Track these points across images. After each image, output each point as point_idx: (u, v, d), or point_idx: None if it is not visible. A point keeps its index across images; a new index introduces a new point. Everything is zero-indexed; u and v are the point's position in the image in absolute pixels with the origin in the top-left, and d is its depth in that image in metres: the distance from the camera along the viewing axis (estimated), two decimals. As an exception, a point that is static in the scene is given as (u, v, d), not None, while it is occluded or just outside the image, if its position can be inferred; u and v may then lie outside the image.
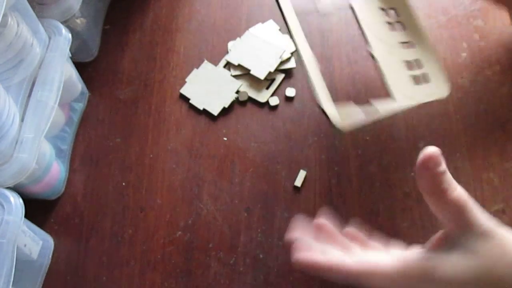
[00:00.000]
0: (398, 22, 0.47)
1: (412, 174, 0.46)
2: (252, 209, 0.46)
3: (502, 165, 0.45)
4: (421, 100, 0.42)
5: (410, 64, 0.45)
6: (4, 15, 0.36)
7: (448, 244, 0.32)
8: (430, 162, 0.31)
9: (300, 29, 0.42)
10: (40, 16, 0.43)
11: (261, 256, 0.43)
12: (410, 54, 0.45)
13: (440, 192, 0.32)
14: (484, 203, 0.43)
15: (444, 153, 0.46)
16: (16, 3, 0.39)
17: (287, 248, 0.43)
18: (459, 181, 0.44)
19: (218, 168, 0.48)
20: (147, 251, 0.45)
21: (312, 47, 0.54)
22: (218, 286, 0.43)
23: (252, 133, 0.49)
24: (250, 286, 0.42)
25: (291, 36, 0.42)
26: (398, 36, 0.46)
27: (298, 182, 0.46)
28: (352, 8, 0.46)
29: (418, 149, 0.47)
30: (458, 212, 0.31)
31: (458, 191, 0.31)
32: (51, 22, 0.45)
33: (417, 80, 0.44)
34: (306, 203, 0.45)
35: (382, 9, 0.47)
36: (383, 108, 0.40)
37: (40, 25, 0.43)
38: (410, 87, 0.43)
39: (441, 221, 0.33)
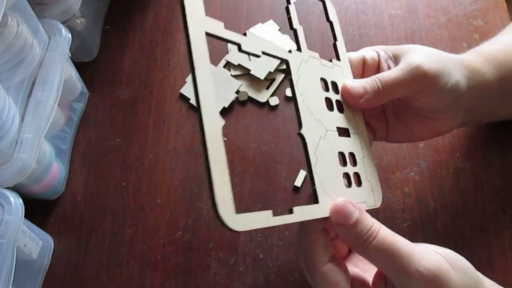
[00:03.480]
0: (338, 100, 0.36)
1: (412, 174, 0.46)
2: (252, 209, 0.46)
3: (502, 165, 0.45)
4: None
5: (341, 159, 0.34)
6: (4, 15, 0.36)
7: None
8: (339, 217, 0.30)
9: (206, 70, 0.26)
10: (40, 16, 0.43)
11: (261, 256, 0.43)
12: (344, 144, 0.35)
13: (361, 244, 0.29)
14: (484, 203, 0.43)
15: (444, 153, 0.46)
16: (16, 3, 0.39)
17: (287, 248, 0.44)
18: (459, 181, 0.45)
19: (218, 168, 0.48)
20: (147, 251, 0.45)
21: (312, 47, 0.54)
22: (218, 286, 0.43)
23: (252, 133, 0.49)
24: (250, 286, 0.42)
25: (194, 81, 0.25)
26: (335, 119, 0.35)
27: (298, 182, 0.46)
28: (287, 64, 0.34)
29: (418, 149, 0.47)
30: (387, 261, 0.28)
31: (378, 238, 0.29)
32: (51, 22, 0.45)
33: (347, 182, 0.34)
34: (306, 203, 0.45)
35: (323, 80, 0.36)
36: (289, 218, 0.29)
37: (40, 25, 0.43)
38: (339, 187, 0.32)
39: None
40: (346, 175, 0.34)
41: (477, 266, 0.30)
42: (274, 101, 0.50)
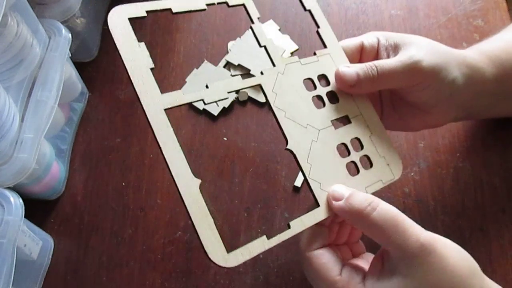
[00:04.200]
0: (330, 91, 0.36)
1: (412, 174, 0.46)
2: (252, 209, 0.46)
3: (502, 165, 0.45)
4: None
5: (343, 149, 0.34)
6: (4, 15, 0.36)
7: (389, 269, 0.30)
8: (334, 197, 0.31)
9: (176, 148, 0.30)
10: (40, 16, 0.43)
11: (261, 256, 0.43)
12: (344, 134, 0.35)
13: (361, 216, 0.30)
14: (484, 203, 0.43)
15: (444, 153, 0.46)
16: (16, 3, 0.39)
17: (287, 248, 0.44)
18: (459, 181, 0.45)
19: (218, 168, 0.48)
20: (147, 251, 0.45)
21: (312, 47, 0.54)
22: (218, 286, 0.43)
23: (252, 133, 0.49)
24: (250, 286, 0.42)
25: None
26: (328, 112, 0.35)
27: (298, 182, 0.46)
28: (261, 87, 0.33)
29: (418, 149, 0.47)
30: (389, 230, 0.29)
31: (379, 210, 0.30)
32: (51, 22, 0.44)
33: (353, 170, 0.34)
34: (306, 203, 0.45)
35: (309, 79, 0.36)
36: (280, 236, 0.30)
37: (40, 25, 0.43)
38: (342, 181, 0.33)
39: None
40: (353, 164, 0.34)
41: (477, 266, 0.30)
42: (274, 101, 0.50)
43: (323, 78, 0.36)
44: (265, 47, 0.35)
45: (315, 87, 0.36)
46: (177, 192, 0.28)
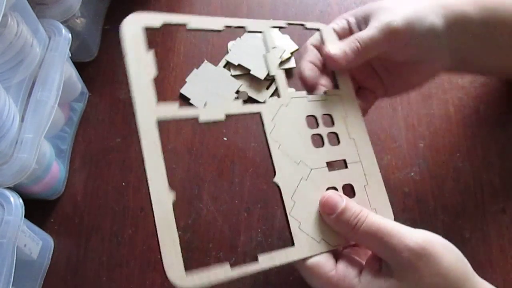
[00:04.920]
0: (332, 132, 0.35)
1: (412, 174, 0.46)
2: (252, 209, 0.46)
3: (502, 165, 0.45)
4: (340, 244, 0.32)
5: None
6: (4, 15, 0.36)
7: (385, 270, 0.30)
8: (326, 208, 0.32)
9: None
10: (40, 16, 0.43)
11: (261, 256, 0.43)
12: (338, 178, 0.34)
13: (351, 230, 0.31)
14: (484, 203, 0.43)
15: (444, 153, 0.46)
16: (16, 3, 0.39)
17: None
18: (459, 181, 0.45)
19: (218, 168, 0.48)
20: (147, 251, 0.45)
21: (312, 47, 0.54)
22: (218, 286, 0.43)
23: (252, 133, 0.49)
24: (250, 286, 0.42)
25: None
26: (326, 153, 0.34)
27: (298, 182, 0.46)
28: (260, 116, 0.33)
29: (418, 149, 0.47)
30: (377, 242, 0.30)
31: (366, 222, 0.30)
32: (51, 22, 0.45)
33: None
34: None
35: (312, 116, 0.35)
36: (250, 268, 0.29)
37: (40, 25, 0.43)
38: (324, 224, 0.32)
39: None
40: None
41: (477, 266, 0.30)
42: (274, 101, 0.50)
43: (327, 117, 0.35)
44: (274, 76, 0.35)
45: (317, 125, 0.35)
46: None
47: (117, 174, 0.49)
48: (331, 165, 0.34)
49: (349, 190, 0.34)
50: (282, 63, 0.51)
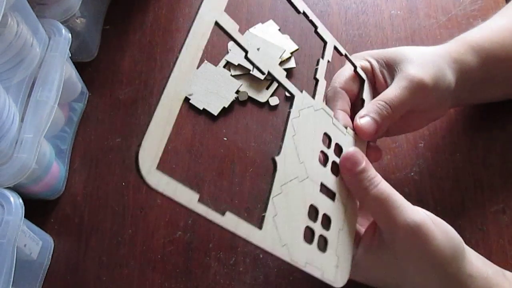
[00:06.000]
0: (335, 163, 0.34)
1: (412, 174, 0.46)
2: (252, 209, 0.46)
3: (502, 165, 0.45)
4: (297, 262, 0.30)
5: (314, 214, 0.32)
6: (4, 15, 0.36)
7: (379, 242, 0.33)
8: (348, 163, 0.33)
9: None
10: (40, 16, 0.43)
11: (261, 256, 0.43)
12: (322, 203, 0.33)
13: (362, 190, 0.33)
14: (484, 203, 0.43)
15: (444, 153, 0.46)
16: (16, 3, 0.39)
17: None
18: (459, 181, 0.45)
19: (218, 168, 0.48)
20: (147, 251, 0.45)
21: (311, 47, 0.54)
22: (218, 286, 0.43)
23: (252, 133, 0.49)
24: (250, 286, 0.42)
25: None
26: (324, 175, 0.33)
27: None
28: (292, 98, 0.32)
29: (418, 149, 0.47)
30: (381, 209, 0.32)
31: (378, 188, 0.32)
32: (51, 22, 0.45)
33: (308, 236, 0.31)
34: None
35: (327, 135, 0.35)
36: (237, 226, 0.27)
37: (40, 25, 0.43)
38: (294, 234, 0.30)
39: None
40: (311, 232, 0.32)
41: (477, 266, 0.30)
42: (274, 101, 0.50)
43: (338, 148, 0.35)
44: (317, 80, 0.35)
45: (328, 147, 0.35)
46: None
47: (117, 174, 0.49)
48: (322, 189, 0.33)
49: (326, 222, 0.33)
50: (282, 63, 0.51)
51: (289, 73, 0.52)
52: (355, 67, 0.38)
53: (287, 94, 0.32)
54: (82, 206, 0.47)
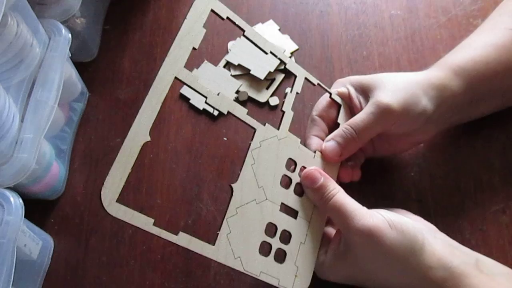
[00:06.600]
0: (298, 183, 0.37)
1: (412, 174, 0.46)
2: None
3: (502, 165, 0.45)
4: (251, 272, 0.34)
5: (273, 231, 0.35)
6: (4, 15, 0.36)
7: (343, 247, 0.36)
8: (307, 180, 0.37)
9: None
10: (40, 16, 0.43)
11: (261, 256, 0.43)
12: (283, 221, 0.36)
13: (323, 203, 0.36)
14: (484, 203, 0.43)
15: (444, 153, 0.46)
16: (16, 3, 0.39)
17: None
18: (459, 181, 0.45)
19: (218, 168, 0.48)
20: (147, 251, 0.45)
21: (311, 47, 0.54)
22: (218, 286, 0.43)
23: (252, 133, 0.49)
24: (250, 286, 0.42)
25: None
26: (285, 196, 0.36)
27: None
28: (254, 131, 0.36)
29: (418, 149, 0.47)
30: (338, 217, 0.35)
31: (333, 199, 0.35)
32: (51, 22, 0.44)
33: (265, 251, 0.34)
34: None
35: (292, 160, 0.38)
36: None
37: (40, 25, 0.43)
38: (249, 249, 0.34)
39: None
40: (269, 246, 0.35)
41: (477, 266, 0.30)
42: (274, 101, 0.50)
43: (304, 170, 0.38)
44: (283, 112, 0.38)
45: (293, 171, 0.38)
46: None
47: (117, 174, 0.48)
48: (284, 209, 0.36)
49: (285, 237, 0.36)
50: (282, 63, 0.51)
51: (289, 73, 0.52)
52: (330, 94, 0.41)
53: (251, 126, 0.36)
54: (82, 206, 0.47)
